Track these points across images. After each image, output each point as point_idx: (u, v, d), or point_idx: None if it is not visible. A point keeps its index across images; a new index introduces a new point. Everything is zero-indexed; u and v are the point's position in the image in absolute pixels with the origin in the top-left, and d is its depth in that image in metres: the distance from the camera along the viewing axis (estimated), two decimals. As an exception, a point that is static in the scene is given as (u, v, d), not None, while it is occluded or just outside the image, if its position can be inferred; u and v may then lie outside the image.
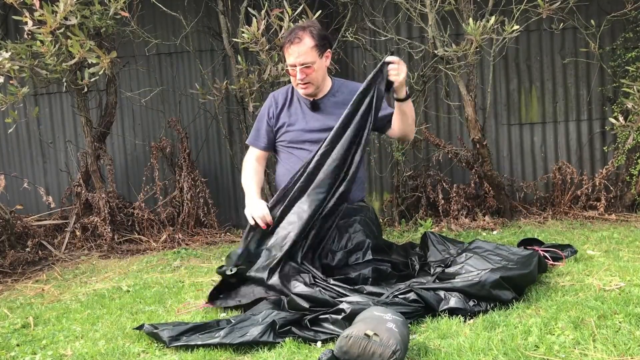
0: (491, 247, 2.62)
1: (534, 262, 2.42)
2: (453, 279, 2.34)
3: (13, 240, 3.82)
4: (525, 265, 2.38)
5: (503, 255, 2.50)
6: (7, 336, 2.36)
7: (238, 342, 2.01)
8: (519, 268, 2.36)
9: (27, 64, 3.37)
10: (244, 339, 2.01)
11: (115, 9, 3.37)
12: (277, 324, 2.07)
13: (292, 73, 2.70)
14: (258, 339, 2.00)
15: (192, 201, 4.13)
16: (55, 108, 4.71)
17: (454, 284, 2.25)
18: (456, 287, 2.22)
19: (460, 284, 2.23)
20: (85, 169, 4.10)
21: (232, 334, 2.05)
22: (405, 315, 2.03)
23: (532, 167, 4.32)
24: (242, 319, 2.15)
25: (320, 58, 2.68)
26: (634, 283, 2.36)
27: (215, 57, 4.46)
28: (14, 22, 3.99)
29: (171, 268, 3.34)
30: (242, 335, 2.03)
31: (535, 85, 4.26)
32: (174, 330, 2.10)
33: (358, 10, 4.13)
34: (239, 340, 2.01)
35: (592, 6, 4.06)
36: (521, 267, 2.36)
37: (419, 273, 2.62)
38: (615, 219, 3.73)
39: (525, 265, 2.38)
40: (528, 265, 2.38)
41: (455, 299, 2.18)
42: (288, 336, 2.03)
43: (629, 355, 1.74)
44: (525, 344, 1.85)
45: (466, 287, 2.21)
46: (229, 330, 2.07)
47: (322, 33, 2.71)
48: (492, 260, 2.47)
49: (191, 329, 2.12)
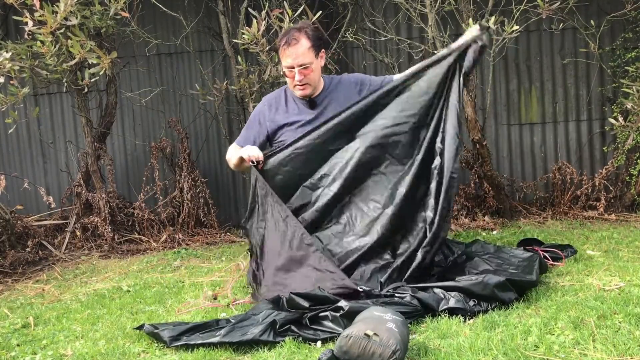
0: (492, 250, 2.62)
1: (535, 267, 2.41)
2: (453, 279, 2.34)
3: (13, 240, 3.83)
4: (527, 271, 2.37)
5: (504, 258, 2.50)
6: (7, 336, 2.36)
7: (238, 341, 2.01)
8: (521, 273, 2.36)
9: (28, 64, 3.37)
10: (244, 338, 2.01)
11: (115, 9, 3.37)
12: (277, 323, 2.07)
13: (289, 75, 2.68)
14: (258, 338, 2.01)
15: (192, 201, 4.13)
16: (55, 108, 4.71)
17: (456, 283, 2.25)
18: (458, 285, 2.23)
19: (463, 283, 2.23)
20: (85, 169, 4.11)
21: (232, 332, 2.05)
22: (405, 315, 2.03)
23: (532, 167, 4.32)
24: (242, 319, 2.16)
25: (316, 58, 2.68)
26: (634, 283, 2.37)
27: (216, 57, 4.46)
28: (14, 23, 3.99)
29: (171, 268, 3.35)
30: (242, 334, 2.04)
31: (535, 85, 4.27)
32: (175, 330, 2.10)
33: (358, 10, 4.14)
34: (239, 339, 2.01)
35: (592, 6, 4.06)
36: (523, 272, 2.36)
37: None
38: (615, 219, 3.73)
39: (528, 271, 2.37)
40: (530, 272, 2.37)
41: (455, 299, 2.18)
42: (288, 335, 2.04)
43: (629, 355, 1.74)
44: (525, 344, 1.85)
45: (469, 285, 2.21)
46: (229, 329, 2.07)
47: (316, 34, 2.71)
48: (494, 263, 2.47)
49: (191, 328, 2.13)
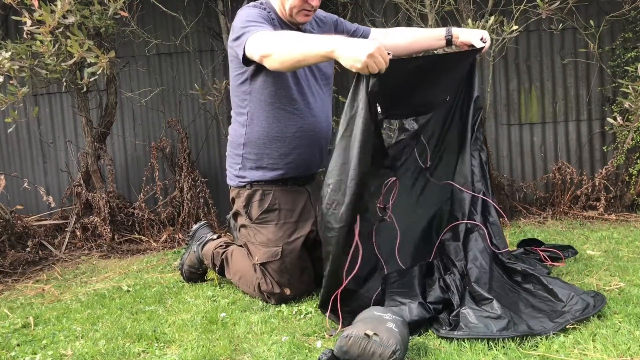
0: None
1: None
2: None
3: (13, 240, 3.82)
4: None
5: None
6: (7, 336, 2.36)
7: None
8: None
9: (27, 64, 3.37)
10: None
11: (114, 9, 3.38)
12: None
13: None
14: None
15: (192, 201, 4.13)
16: (55, 108, 4.71)
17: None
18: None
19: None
20: (85, 169, 4.10)
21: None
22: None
23: (532, 167, 4.32)
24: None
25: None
26: (634, 283, 2.37)
27: (215, 57, 4.46)
28: (13, 22, 3.99)
29: (171, 268, 3.35)
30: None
31: (535, 85, 4.27)
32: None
33: (358, 10, 4.14)
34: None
35: (592, 6, 4.06)
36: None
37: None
38: (615, 219, 3.73)
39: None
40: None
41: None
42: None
43: (629, 355, 1.74)
44: (525, 344, 1.86)
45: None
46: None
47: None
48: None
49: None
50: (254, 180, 2.54)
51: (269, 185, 2.53)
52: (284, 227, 2.50)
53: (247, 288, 2.59)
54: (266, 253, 2.48)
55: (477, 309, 2.02)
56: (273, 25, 2.39)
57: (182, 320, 2.35)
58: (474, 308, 2.03)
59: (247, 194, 2.55)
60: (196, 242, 2.92)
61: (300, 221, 2.53)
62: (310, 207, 2.57)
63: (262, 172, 2.53)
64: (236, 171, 2.59)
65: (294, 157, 2.51)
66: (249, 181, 2.55)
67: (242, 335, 2.15)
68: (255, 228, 2.53)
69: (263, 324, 2.24)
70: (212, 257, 2.77)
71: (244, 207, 2.56)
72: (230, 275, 2.69)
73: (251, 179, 2.54)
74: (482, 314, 1.99)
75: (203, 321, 2.31)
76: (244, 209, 2.56)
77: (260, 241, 2.50)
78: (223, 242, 2.81)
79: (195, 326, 2.27)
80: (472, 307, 2.03)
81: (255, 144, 2.52)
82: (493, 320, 1.96)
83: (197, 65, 4.37)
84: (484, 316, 1.98)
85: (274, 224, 2.50)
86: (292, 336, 2.07)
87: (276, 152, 2.51)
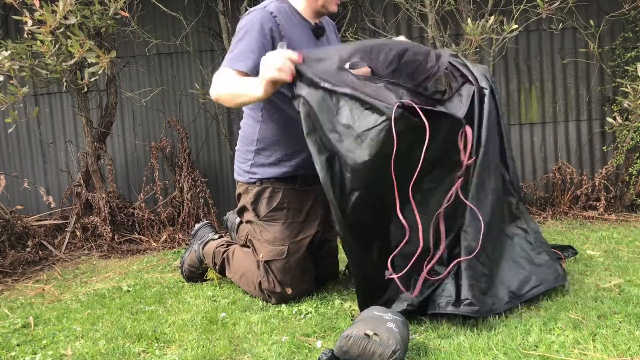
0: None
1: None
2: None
3: (13, 240, 3.83)
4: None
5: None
6: (7, 336, 2.36)
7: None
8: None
9: (27, 64, 3.37)
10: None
11: (115, 9, 3.38)
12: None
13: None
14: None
15: (192, 201, 4.13)
16: (55, 108, 4.71)
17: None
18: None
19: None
20: (85, 169, 4.11)
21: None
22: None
23: (532, 167, 4.32)
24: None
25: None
26: (634, 283, 2.37)
27: (215, 57, 4.46)
28: (14, 22, 3.99)
29: (171, 268, 3.35)
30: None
31: (535, 85, 4.27)
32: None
33: (358, 10, 4.14)
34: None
35: (592, 6, 4.06)
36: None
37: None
38: (615, 219, 3.73)
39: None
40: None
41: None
42: None
43: (629, 355, 1.74)
44: (525, 344, 1.86)
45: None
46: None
47: None
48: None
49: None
50: (264, 178, 2.53)
51: (279, 183, 2.52)
52: (291, 226, 2.50)
53: (248, 287, 2.59)
54: (272, 251, 2.47)
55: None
56: (290, 21, 2.37)
57: (182, 320, 2.35)
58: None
59: (256, 190, 2.54)
60: (197, 241, 2.92)
61: (307, 222, 2.53)
62: (317, 208, 2.57)
63: (274, 168, 2.51)
64: (247, 167, 2.57)
65: (307, 155, 2.49)
66: (259, 178, 2.53)
67: (242, 335, 2.15)
68: (262, 225, 2.52)
69: (263, 324, 2.24)
70: (212, 256, 2.77)
71: (252, 204, 2.54)
72: (231, 274, 2.69)
73: (262, 176, 2.53)
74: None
75: (203, 321, 2.31)
76: (252, 205, 2.54)
77: (267, 239, 2.50)
78: (224, 242, 2.81)
79: (195, 326, 2.27)
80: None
81: (269, 140, 2.50)
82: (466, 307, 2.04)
83: (197, 65, 4.37)
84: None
85: (282, 223, 2.49)
86: (292, 336, 2.07)
87: (290, 150, 2.49)
